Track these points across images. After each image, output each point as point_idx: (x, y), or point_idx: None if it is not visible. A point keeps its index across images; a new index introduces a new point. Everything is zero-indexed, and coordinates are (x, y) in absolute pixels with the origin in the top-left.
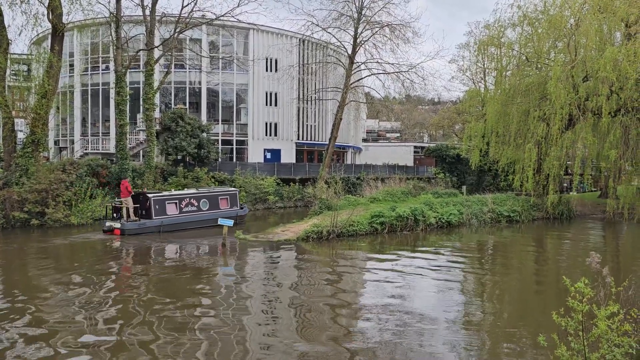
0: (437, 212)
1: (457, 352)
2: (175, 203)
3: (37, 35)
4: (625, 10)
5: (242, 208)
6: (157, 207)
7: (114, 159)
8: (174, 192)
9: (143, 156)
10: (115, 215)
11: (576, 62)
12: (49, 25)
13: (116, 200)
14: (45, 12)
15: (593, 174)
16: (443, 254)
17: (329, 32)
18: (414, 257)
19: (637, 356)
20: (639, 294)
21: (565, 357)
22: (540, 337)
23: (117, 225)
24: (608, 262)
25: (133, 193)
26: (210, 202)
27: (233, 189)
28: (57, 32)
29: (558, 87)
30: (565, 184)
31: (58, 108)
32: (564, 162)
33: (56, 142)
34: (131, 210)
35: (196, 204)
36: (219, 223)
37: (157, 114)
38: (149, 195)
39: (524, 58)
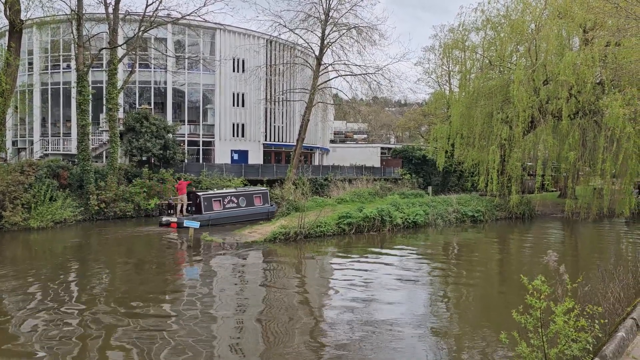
0: (404, 213)
1: (420, 351)
2: (220, 200)
3: None
4: (583, 16)
5: (272, 205)
6: (205, 203)
7: (76, 160)
8: (217, 190)
9: (106, 157)
10: (169, 211)
11: (537, 66)
12: (6, 21)
13: (171, 197)
14: (2, 8)
15: (553, 175)
16: (409, 254)
17: (296, 34)
18: (380, 258)
19: (594, 351)
20: (594, 290)
21: (526, 354)
22: (501, 335)
23: (174, 219)
24: (566, 260)
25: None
26: (247, 200)
27: (264, 188)
28: (15, 29)
29: (520, 90)
30: (537, 185)
31: (16, 107)
32: (526, 163)
33: (14, 143)
34: (184, 207)
35: (236, 201)
36: (184, 225)
37: (120, 114)
38: (199, 193)
39: (488, 61)
